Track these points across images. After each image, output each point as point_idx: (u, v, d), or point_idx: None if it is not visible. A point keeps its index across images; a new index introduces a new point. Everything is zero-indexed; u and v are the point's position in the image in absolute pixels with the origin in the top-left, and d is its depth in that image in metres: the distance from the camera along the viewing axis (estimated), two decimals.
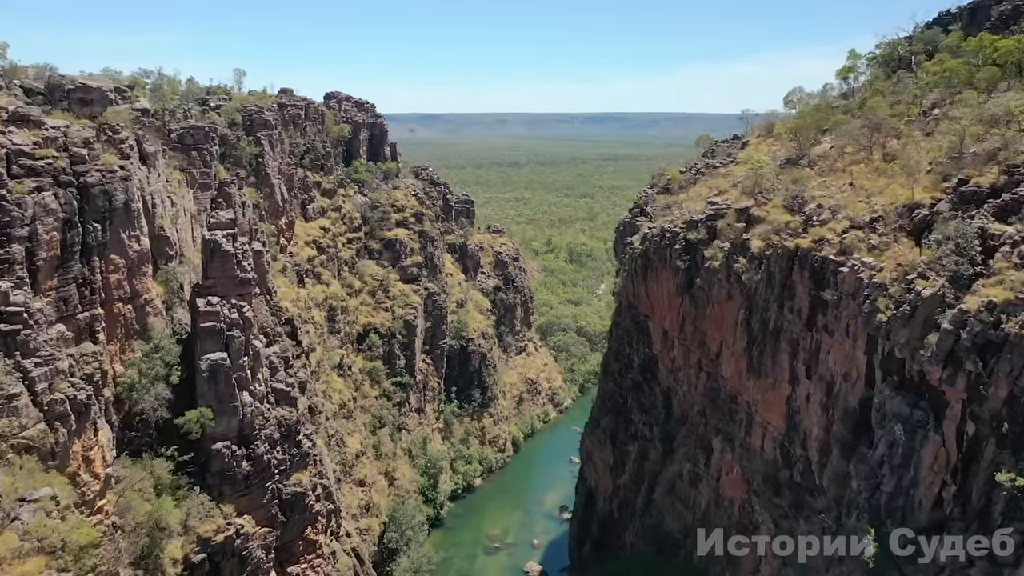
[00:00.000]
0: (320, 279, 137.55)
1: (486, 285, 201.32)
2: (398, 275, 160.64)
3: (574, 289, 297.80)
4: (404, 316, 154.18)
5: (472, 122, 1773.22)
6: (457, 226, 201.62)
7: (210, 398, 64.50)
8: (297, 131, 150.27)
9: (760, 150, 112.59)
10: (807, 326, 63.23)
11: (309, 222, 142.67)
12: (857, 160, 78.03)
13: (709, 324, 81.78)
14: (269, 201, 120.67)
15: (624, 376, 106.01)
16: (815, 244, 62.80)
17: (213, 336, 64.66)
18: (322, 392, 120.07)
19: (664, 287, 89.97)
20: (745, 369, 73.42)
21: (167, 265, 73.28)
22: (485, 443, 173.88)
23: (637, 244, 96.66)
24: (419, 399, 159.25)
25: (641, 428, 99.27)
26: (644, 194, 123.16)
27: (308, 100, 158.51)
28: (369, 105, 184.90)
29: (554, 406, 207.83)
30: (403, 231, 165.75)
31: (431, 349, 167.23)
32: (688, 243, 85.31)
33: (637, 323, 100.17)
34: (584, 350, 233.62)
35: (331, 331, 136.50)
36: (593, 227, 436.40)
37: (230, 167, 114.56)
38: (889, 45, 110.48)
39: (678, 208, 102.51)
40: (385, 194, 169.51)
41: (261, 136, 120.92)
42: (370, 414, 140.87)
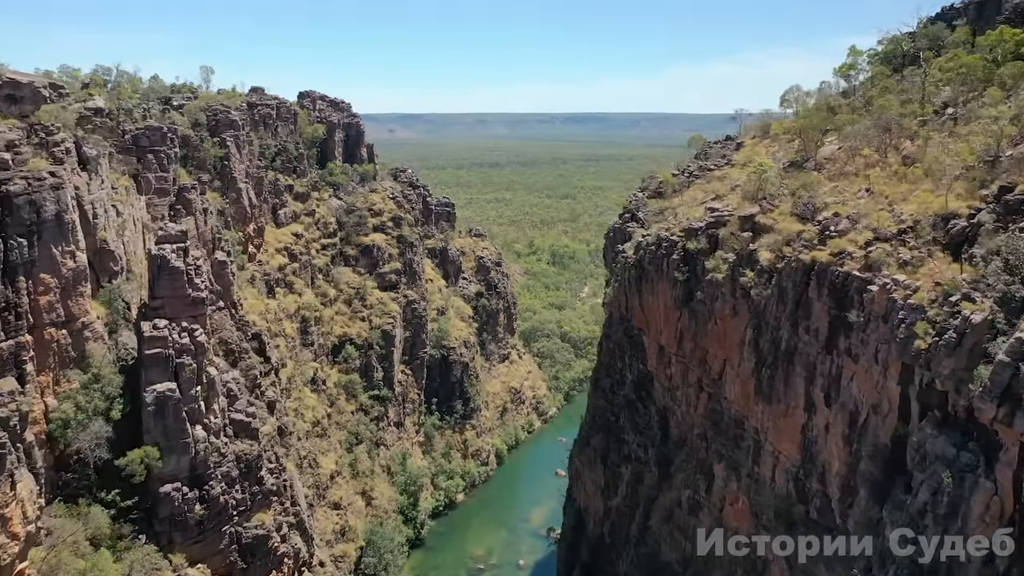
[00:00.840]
0: (292, 288, 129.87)
1: (468, 291, 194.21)
2: (375, 282, 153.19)
3: (557, 293, 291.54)
4: (382, 326, 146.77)
5: (452, 122, 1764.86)
6: (437, 230, 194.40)
7: (157, 434, 57.05)
8: (268, 132, 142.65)
9: (757, 152, 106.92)
10: (826, 349, 56.88)
11: (280, 228, 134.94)
12: (870, 163, 72.02)
13: (711, 341, 75.35)
14: (236, 207, 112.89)
15: (616, 393, 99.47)
16: (835, 258, 56.44)
17: (160, 364, 57.23)
18: (294, 411, 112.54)
19: (660, 300, 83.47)
20: (753, 392, 67.03)
21: (111, 283, 65.56)
22: (467, 456, 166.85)
23: (630, 253, 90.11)
24: (398, 412, 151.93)
25: (635, 449, 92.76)
26: (634, 198, 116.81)
27: (280, 99, 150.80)
28: (345, 105, 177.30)
29: (538, 415, 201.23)
30: (381, 236, 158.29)
31: (411, 359, 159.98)
32: (687, 253, 78.85)
33: (630, 337, 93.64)
34: (568, 356, 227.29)
35: (304, 344, 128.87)
36: (575, 228, 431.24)
37: (193, 170, 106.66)
38: (892, 41, 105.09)
39: (673, 214, 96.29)
40: (362, 197, 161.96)
41: (227, 137, 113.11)
42: (346, 431, 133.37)
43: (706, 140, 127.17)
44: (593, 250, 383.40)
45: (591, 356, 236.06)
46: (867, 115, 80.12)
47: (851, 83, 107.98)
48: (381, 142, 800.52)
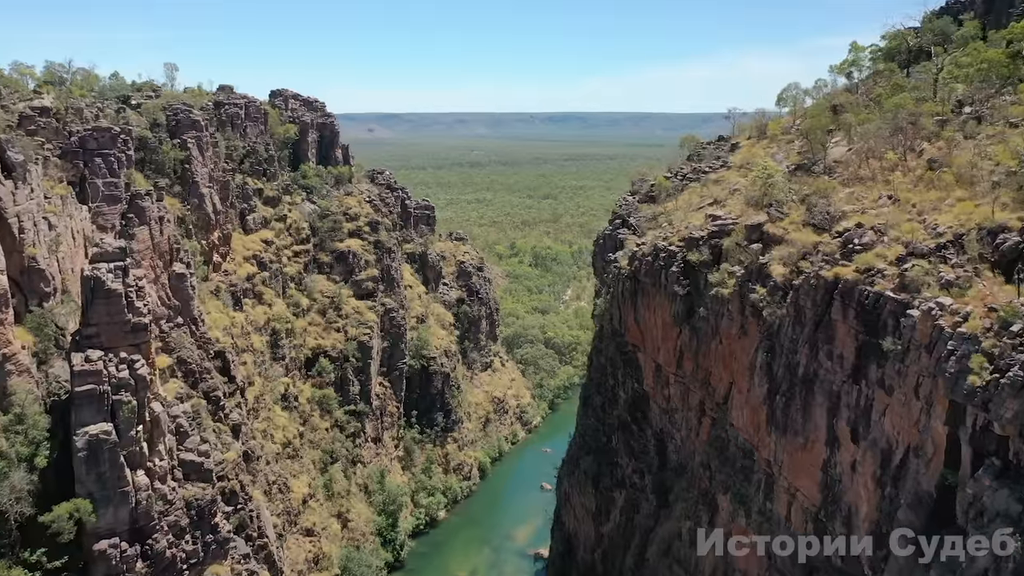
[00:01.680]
0: (261, 299, 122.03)
1: (448, 297, 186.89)
2: (351, 291, 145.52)
3: (540, 296, 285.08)
4: (358, 336, 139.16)
5: (432, 122, 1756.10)
6: (417, 234, 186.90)
7: (90, 484, 49.56)
8: (236, 133, 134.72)
9: (755, 153, 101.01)
10: (852, 378, 50.48)
11: (249, 235, 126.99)
12: (887, 167, 65.93)
13: (715, 362, 68.91)
14: (198, 213, 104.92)
15: (608, 412, 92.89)
16: (862, 275, 50.02)
17: (93, 402, 49.73)
18: (262, 432, 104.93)
19: (658, 315, 76.93)
20: (765, 421, 60.60)
21: (41, 306, 57.79)
22: (449, 471, 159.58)
23: (623, 263, 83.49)
24: (376, 427, 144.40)
25: (630, 475, 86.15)
26: (624, 202, 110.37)
27: (249, 98, 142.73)
28: (319, 104, 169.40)
29: (522, 425, 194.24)
30: (357, 242, 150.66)
31: (389, 371, 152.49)
32: (687, 265, 72.38)
33: (624, 353, 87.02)
34: (553, 363, 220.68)
35: (274, 358, 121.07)
36: (557, 229, 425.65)
37: (150, 175, 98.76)
38: (895, 36, 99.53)
39: (667, 220, 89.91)
40: (336, 201, 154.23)
41: (188, 139, 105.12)
42: (320, 449, 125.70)
43: (699, 140, 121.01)
44: (575, 251, 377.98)
45: (575, 362, 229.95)
46: (877, 114, 74.26)
47: (852, 80, 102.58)
48: (361, 142, 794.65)
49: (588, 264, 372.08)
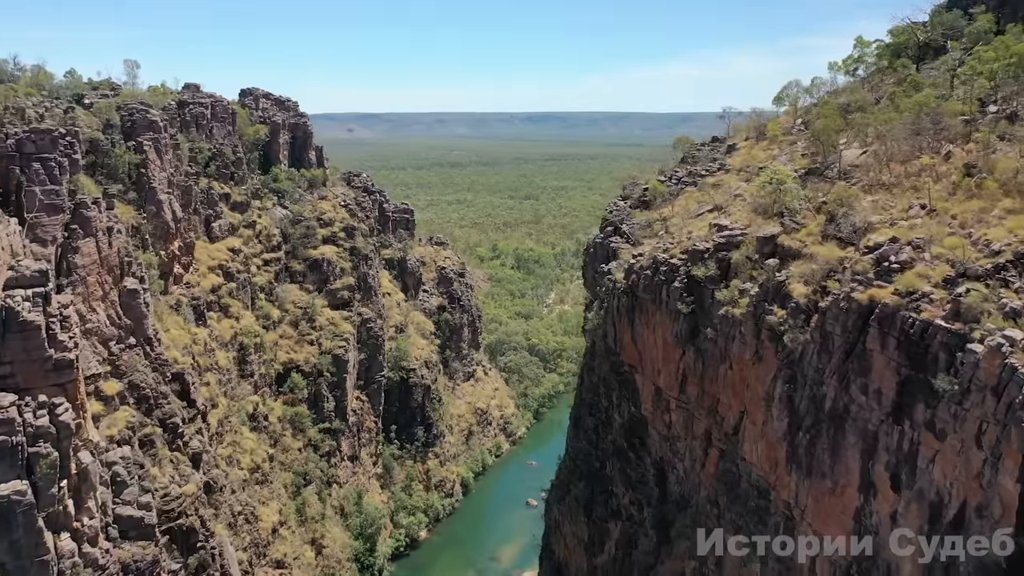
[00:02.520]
0: (228, 312, 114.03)
1: (429, 304, 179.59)
2: (326, 300, 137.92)
3: (523, 301, 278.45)
4: (333, 349, 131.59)
5: (412, 122, 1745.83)
6: (395, 239, 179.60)
7: (2, 553, 41.86)
8: (201, 134, 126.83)
9: (754, 155, 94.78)
10: (893, 417, 43.87)
11: (215, 243, 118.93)
12: (913, 172, 59.56)
13: (724, 388, 62.20)
14: (155, 222, 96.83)
15: (602, 436, 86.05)
16: (904, 299, 43.42)
17: (4, 457, 42.03)
18: (226, 458, 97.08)
19: (658, 335, 70.10)
20: (784, 459, 53.94)
21: None
22: (431, 488, 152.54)
23: (619, 277, 76.56)
24: (352, 445, 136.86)
25: (627, 506, 79.34)
26: (615, 208, 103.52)
27: (215, 97, 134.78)
28: (291, 103, 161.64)
29: (507, 437, 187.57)
30: (331, 248, 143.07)
31: (366, 384, 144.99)
32: (691, 280, 65.59)
33: (619, 374, 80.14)
34: (537, 371, 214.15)
35: (242, 375, 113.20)
36: (539, 231, 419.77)
37: (102, 181, 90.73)
38: (904, 31, 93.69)
39: (664, 228, 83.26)
40: (310, 206, 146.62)
41: (144, 141, 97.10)
42: (292, 471, 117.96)
43: (693, 142, 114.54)
44: (558, 253, 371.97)
45: (560, 369, 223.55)
46: (895, 114, 68.07)
47: (856, 77, 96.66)
48: (340, 142, 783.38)
49: (571, 267, 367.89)
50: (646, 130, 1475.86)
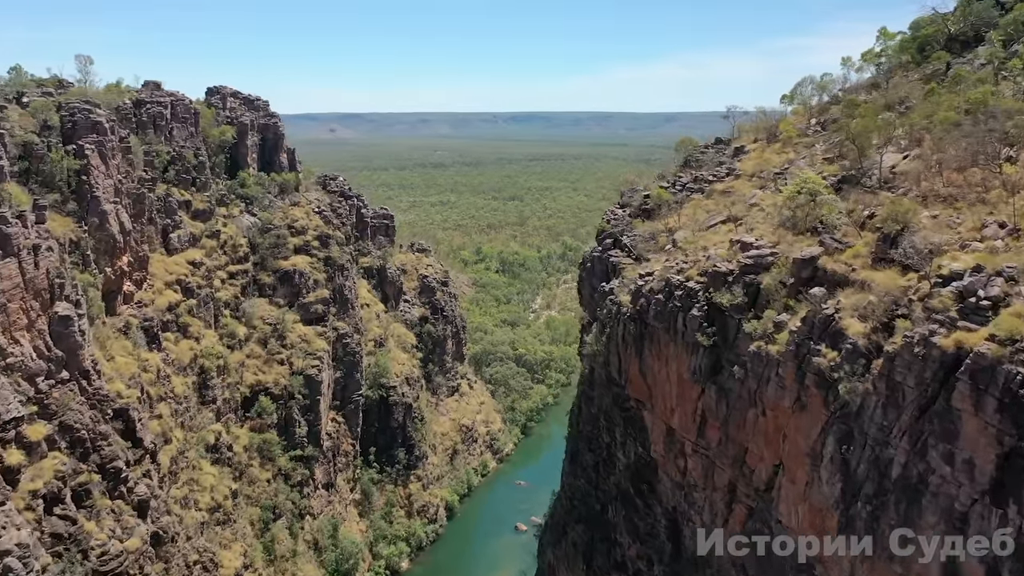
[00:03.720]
0: (187, 332, 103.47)
1: (410, 316, 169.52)
2: (298, 315, 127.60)
3: (509, 307, 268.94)
4: (305, 369, 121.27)
5: (395, 122, 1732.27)
6: (374, 246, 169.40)
7: None
8: (160, 136, 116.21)
9: (767, 159, 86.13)
10: (992, 497, 34.68)
11: (173, 256, 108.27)
12: (975, 180, 50.55)
13: (753, 436, 52.87)
14: (99, 235, 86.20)
15: (603, 476, 76.61)
16: (1006, 348, 34.20)
17: None
18: (181, 500, 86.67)
19: (672, 369, 60.73)
20: (835, 529, 44.65)
21: None
22: (413, 514, 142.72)
23: (625, 300, 67.04)
24: (327, 471, 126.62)
25: (633, 558, 69.89)
26: (613, 217, 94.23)
27: (176, 96, 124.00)
28: (261, 102, 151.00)
29: (493, 454, 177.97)
30: (304, 259, 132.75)
31: (343, 404, 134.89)
32: (712, 307, 56.26)
33: (624, 409, 70.67)
34: (525, 383, 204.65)
35: (203, 401, 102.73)
36: (524, 232, 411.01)
37: (36, 190, 79.96)
38: (932, 21, 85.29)
39: (670, 241, 74.01)
40: (281, 213, 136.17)
41: (87, 144, 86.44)
42: (259, 506, 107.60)
43: (696, 143, 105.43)
44: (544, 256, 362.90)
45: (549, 380, 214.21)
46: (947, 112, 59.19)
47: (877, 74, 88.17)
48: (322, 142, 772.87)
49: (557, 270, 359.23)
50: (630, 130, 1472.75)
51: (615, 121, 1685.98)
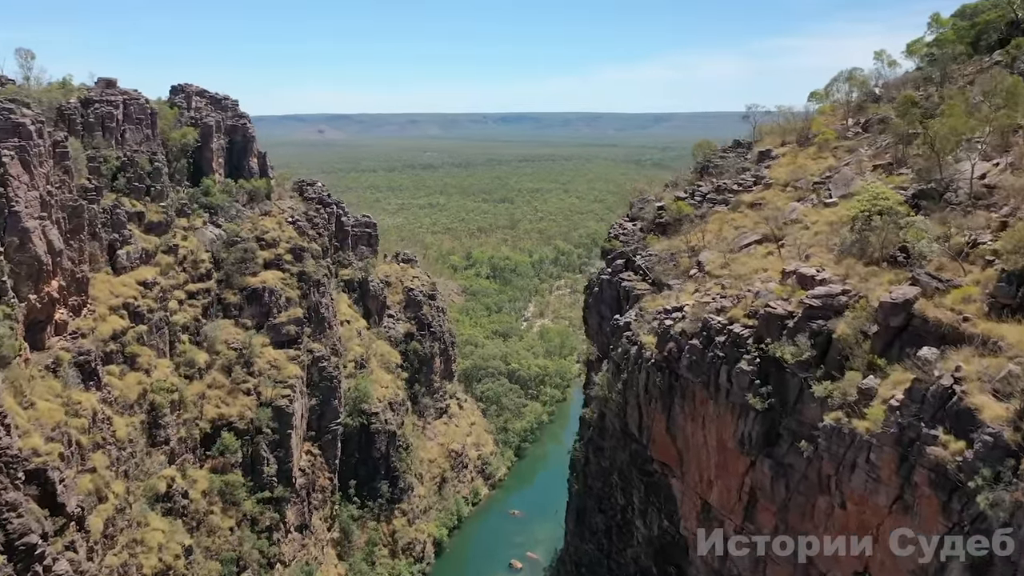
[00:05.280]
0: (134, 364, 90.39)
1: (395, 332, 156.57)
2: (268, 338, 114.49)
3: (500, 317, 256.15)
4: (275, 399, 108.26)
5: (384, 122, 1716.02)
6: (356, 256, 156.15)
7: None
8: (109, 139, 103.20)
9: (802, 165, 74.74)
10: None
11: (121, 275, 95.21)
12: None
13: (825, 530, 40.65)
14: (20, 257, 73.08)
15: (617, 545, 64.25)
16: None
17: None
18: (119, 568, 73.71)
19: (711, 432, 48.53)
20: None
21: None
22: (397, 553, 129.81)
23: (648, 342, 54.70)
24: (301, 511, 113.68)
25: None
26: (623, 232, 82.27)
27: (130, 94, 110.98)
28: (229, 102, 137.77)
29: (485, 479, 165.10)
30: (275, 274, 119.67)
31: (319, 434, 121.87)
32: (766, 359, 44.05)
33: (644, 472, 58.34)
34: (518, 400, 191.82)
35: (152, 443, 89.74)
36: (515, 236, 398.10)
37: None
38: (995, 5, 73.93)
39: (698, 265, 62.01)
40: (249, 223, 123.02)
41: (4, 150, 73.35)
42: (220, 560, 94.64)
43: (714, 147, 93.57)
44: (535, 261, 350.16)
45: (544, 397, 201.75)
46: None
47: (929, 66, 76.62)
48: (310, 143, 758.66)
49: (549, 275, 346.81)
50: (619, 130, 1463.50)
51: (604, 122, 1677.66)
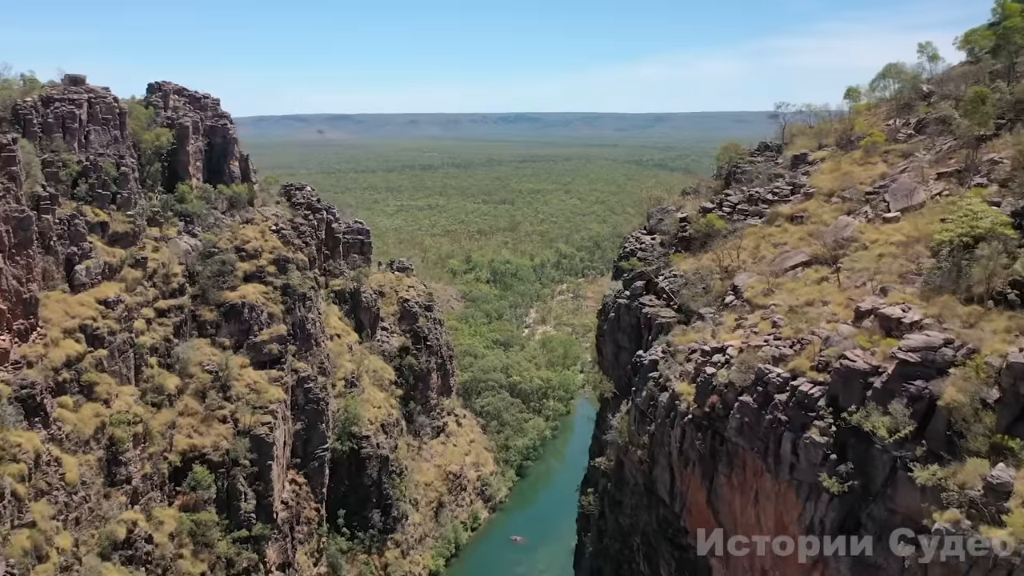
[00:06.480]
0: (91, 394, 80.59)
1: (389, 346, 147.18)
2: (247, 358, 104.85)
3: (501, 325, 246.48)
4: (254, 427, 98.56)
5: (384, 123, 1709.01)
6: (347, 265, 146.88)
7: None
8: (71, 141, 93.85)
9: (849, 173, 65.55)
10: None
11: (78, 293, 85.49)
12: None
13: None
14: None
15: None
16: None
17: None
18: None
19: (766, 511, 38.78)
20: None
21: None
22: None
23: (685, 392, 44.89)
24: (283, 549, 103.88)
25: None
26: (641, 247, 72.58)
27: (96, 92, 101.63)
28: (208, 100, 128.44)
29: (485, 502, 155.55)
30: (256, 288, 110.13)
31: (305, 461, 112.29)
32: (843, 427, 34.30)
33: (675, 543, 48.52)
34: (520, 415, 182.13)
35: (111, 483, 79.93)
36: (516, 239, 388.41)
37: None
38: None
39: (734, 291, 52.46)
40: (229, 232, 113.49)
41: None
42: None
43: (740, 149, 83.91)
44: (537, 265, 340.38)
45: (547, 411, 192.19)
46: None
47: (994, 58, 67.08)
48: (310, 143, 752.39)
49: (551, 280, 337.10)
50: (619, 130, 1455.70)
51: (604, 122, 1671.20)
